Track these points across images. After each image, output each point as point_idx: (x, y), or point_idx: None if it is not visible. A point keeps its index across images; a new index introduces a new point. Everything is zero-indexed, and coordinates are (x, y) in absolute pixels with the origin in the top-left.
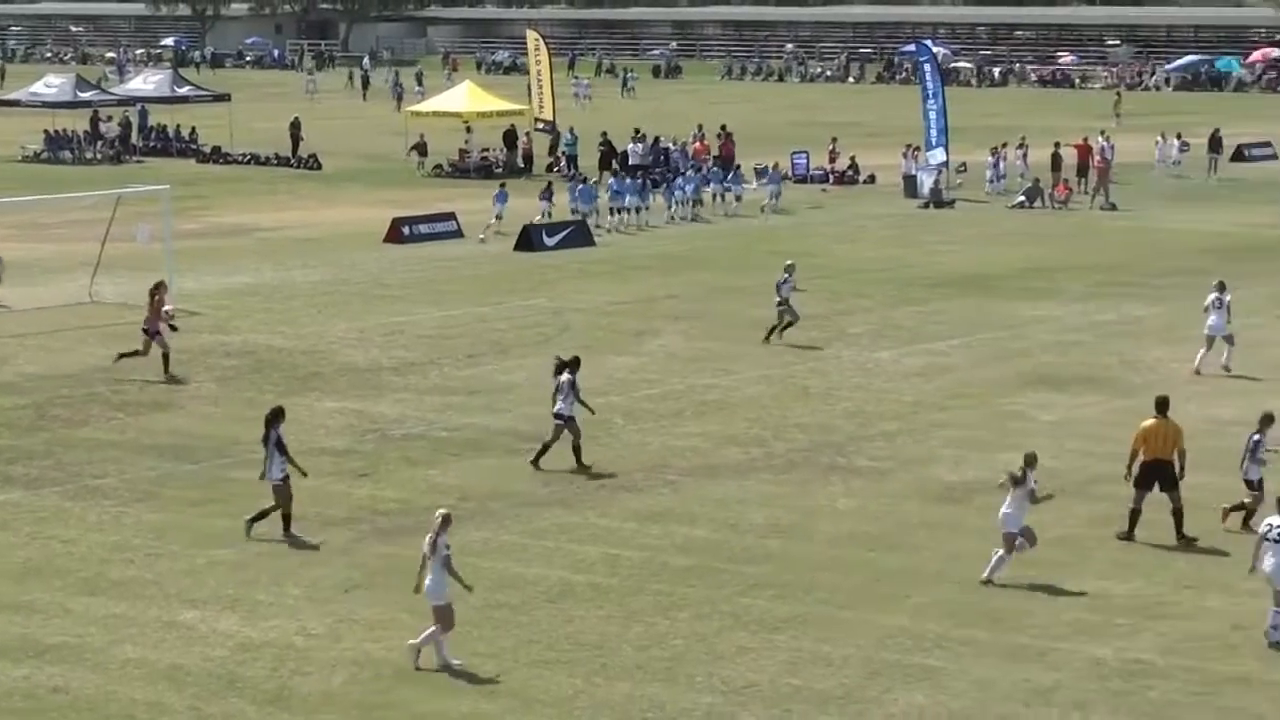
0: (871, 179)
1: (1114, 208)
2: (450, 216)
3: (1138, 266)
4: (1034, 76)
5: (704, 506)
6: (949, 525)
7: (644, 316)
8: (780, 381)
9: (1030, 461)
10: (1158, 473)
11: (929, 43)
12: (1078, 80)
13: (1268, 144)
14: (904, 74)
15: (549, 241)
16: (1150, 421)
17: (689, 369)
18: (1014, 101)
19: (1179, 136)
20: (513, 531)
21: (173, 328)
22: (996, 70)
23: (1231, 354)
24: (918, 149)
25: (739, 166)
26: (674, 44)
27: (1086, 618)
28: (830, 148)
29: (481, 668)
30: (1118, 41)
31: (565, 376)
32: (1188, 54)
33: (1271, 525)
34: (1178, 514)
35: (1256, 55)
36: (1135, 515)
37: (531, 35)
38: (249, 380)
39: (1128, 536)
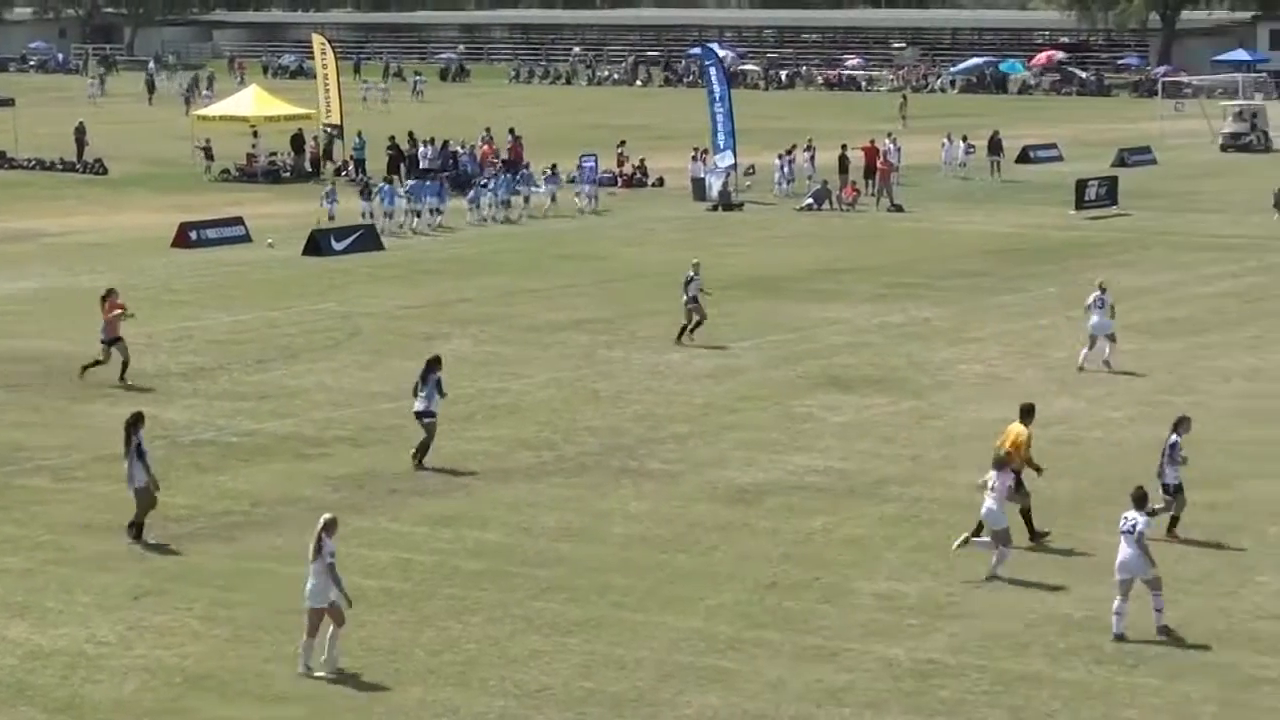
0: (660, 182)
1: (900, 209)
2: (238, 221)
3: (925, 268)
4: (821, 79)
5: (496, 510)
6: (740, 527)
7: (434, 320)
8: (570, 385)
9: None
10: None
11: (715, 46)
12: (864, 83)
13: (1053, 145)
14: (691, 77)
15: (338, 246)
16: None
17: (479, 373)
18: (801, 104)
19: (965, 139)
20: (304, 537)
21: (130, 315)
22: (783, 73)
23: (1114, 350)
24: (706, 152)
25: (555, 168)
26: (462, 47)
27: (878, 618)
28: (618, 151)
29: (274, 674)
30: (903, 44)
31: (434, 375)
32: (972, 56)
33: (1125, 518)
34: (1025, 513)
35: (1040, 57)
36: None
37: (318, 39)
38: (36, 387)
39: (1032, 537)
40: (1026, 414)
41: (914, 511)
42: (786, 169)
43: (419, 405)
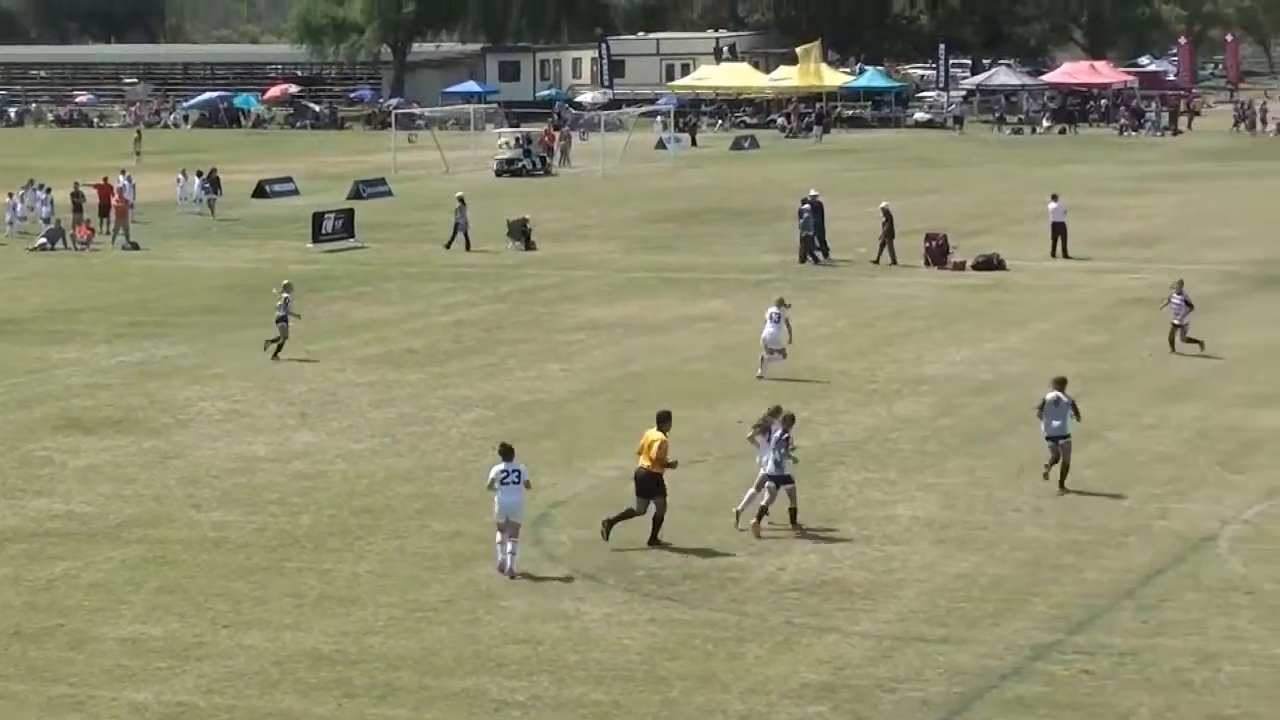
0: None
1: (136, 247)
2: None
3: (164, 306)
4: (52, 116)
5: None
6: None
7: None
8: None
9: (775, 413)
10: (641, 480)
11: None
12: (96, 119)
13: (289, 179)
14: None
15: None
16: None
17: None
18: (32, 142)
19: (200, 174)
20: None
21: None
22: (13, 110)
23: (779, 366)
24: None
25: None
26: None
27: (125, 663)
28: None
29: None
30: (134, 80)
31: None
32: (206, 91)
33: (506, 469)
34: (656, 520)
35: (274, 91)
36: (629, 514)
37: None
38: None
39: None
40: (664, 420)
41: (158, 553)
42: (18, 208)
43: None
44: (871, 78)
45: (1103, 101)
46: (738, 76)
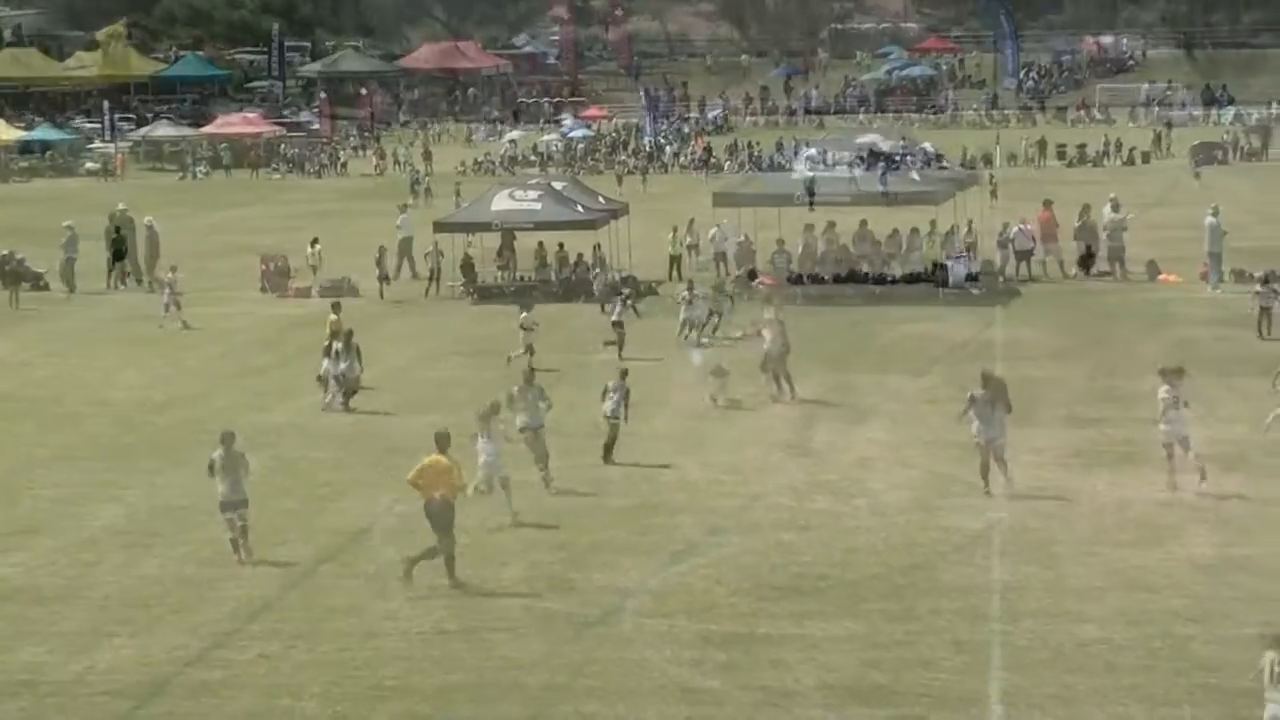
0: None
1: None
2: None
3: None
4: None
5: None
6: None
7: None
8: None
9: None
10: (437, 513)
11: None
12: None
13: None
14: None
15: None
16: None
17: None
18: None
19: None
20: None
21: None
22: None
23: None
24: None
25: None
26: None
27: None
28: None
29: None
30: None
31: None
32: None
33: None
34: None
35: None
36: (434, 553)
37: None
38: None
39: None
40: (443, 440)
41: None
42: None
43: None
44: (190, 65)
45: (471, 91)
46: (26, 65)
